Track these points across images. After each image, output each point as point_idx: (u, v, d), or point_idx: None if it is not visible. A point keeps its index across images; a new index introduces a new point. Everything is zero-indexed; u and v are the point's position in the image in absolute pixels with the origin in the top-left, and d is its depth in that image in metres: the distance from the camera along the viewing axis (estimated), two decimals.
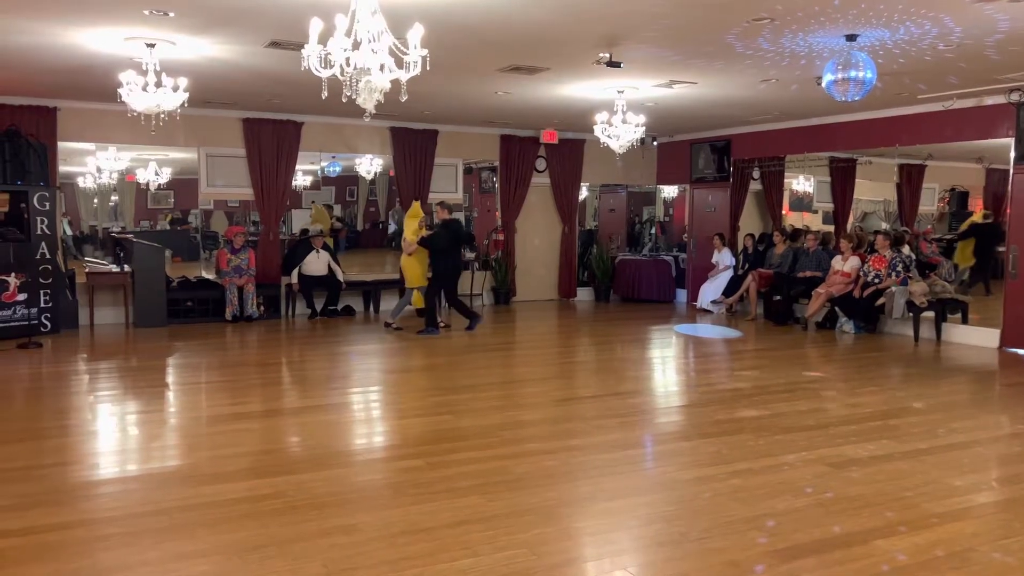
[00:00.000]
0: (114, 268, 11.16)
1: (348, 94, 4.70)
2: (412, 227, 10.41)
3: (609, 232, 16.02)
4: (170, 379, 7.88)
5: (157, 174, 14.18)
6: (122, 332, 10.29)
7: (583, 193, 14.86)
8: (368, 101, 4.67)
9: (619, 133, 9.41)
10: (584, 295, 14.56)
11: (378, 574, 3.41)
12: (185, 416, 6.39)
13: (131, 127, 8.97)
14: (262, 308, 11.37)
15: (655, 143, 14.43)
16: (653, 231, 15.97)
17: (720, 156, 13.51)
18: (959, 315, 10.02)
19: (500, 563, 3.53)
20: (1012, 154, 9.28)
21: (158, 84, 7.25)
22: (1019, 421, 6.31)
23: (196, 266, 13.40)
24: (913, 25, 6.24)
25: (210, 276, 11.86)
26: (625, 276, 14.45)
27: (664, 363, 9.31)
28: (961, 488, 4.59)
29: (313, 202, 14.40)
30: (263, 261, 11.60)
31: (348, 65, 4.54)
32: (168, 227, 14.25)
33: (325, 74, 4.64)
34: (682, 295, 14.24)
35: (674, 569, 3.58)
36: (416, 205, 10.99)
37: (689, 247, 14.26)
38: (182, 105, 7.50)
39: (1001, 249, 10.92)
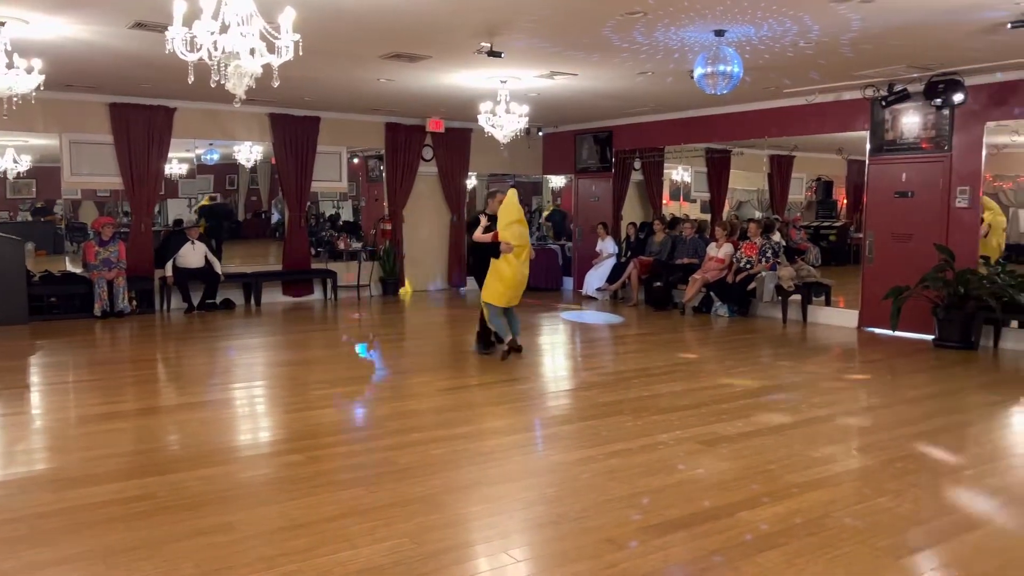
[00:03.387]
0: None
1: (217, 79, 4.53)
2: (508, 219, 7.79)
3: None
4: (33, 379, 7.41)
5: (16, 162, 13.30)
6: None
7: (471, 182, 14.89)
8: (238, 86, 4.52)
9: (503, 123, 9.49)
10: (474, 284, 14.54)
11: (253, 571, 3.34)
12: (51, 417, 6.03)
13: None
14: (134, 303, 10.84)
15: (540, 133, 14.61)
16: (541, 220, 16.20)
17: (603, 147, 13.82)
18: (823, 297, 10.68)
19: (380, 554, 3.52)
20: (868, 146, 9.92)
21: (9, 65, 6.76)
22: (874, 395, 6.79)
23: (61, 259, 12.66)
24: (775, 22, 6.57)
25: (77, 270, 11.22)
26: None
27: (550, 349, 9.47)
28: (819, 459, 4.91)
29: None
30: (134, 253, 11.04)
31: (216, 49, 4.37)
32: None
33: (191, 58, 4.46)
34: (569, 283, 14.52)
35: (553, 549, 3.67)
36: (512, 194, 7.96)
37: (575, 236, 14.54)
38: (38, 88, 7.04)
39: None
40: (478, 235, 8.03)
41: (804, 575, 3.37)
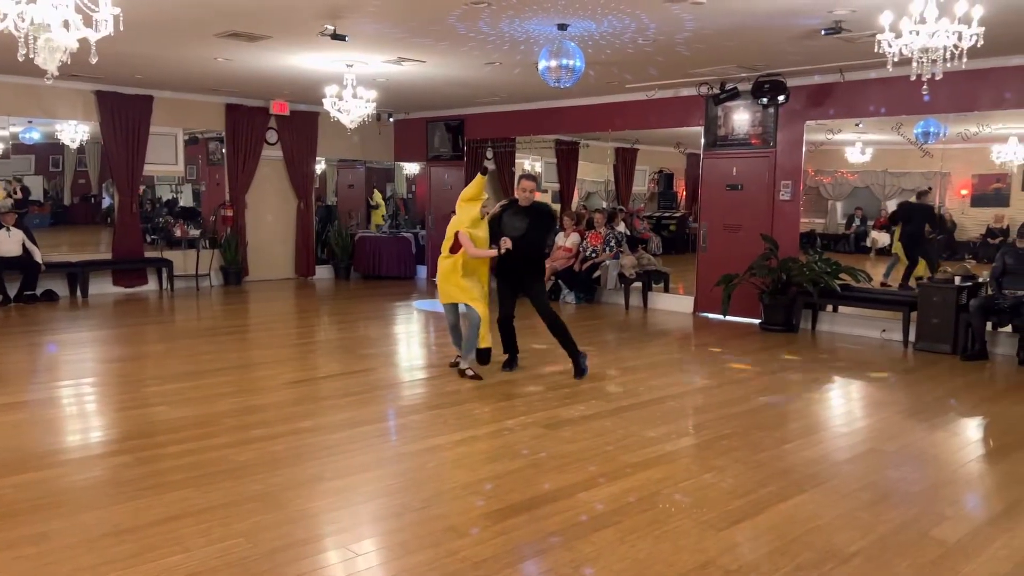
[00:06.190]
0: None
1: (24, 53, 4.15)
2: (472, 213, 6.67)
3: (348, 208, 15.82)
4: None
5: None
6: None
7: (320, 168, 14.50)
8: (50, 62, 4.16)
9: (350, 108, 9.29)
10: (324, 273, 14.27)
11: None
12: None
13: None
14: None
15: (391, 119, 14.43)
16: (395, 208, 16.03)
17: (455, 135, 13.83)
18: (662, 284, 11.22)
19: (213, 556, 3.38)
20: (702, 140, 10.49)
21: None
22: (706, 377, 7.20)
23: None
24: (615, 19, 6.79)
25: None
26: (365, 253, 14.37)
27: (401, 339, 9.41)
28: (654, 439, 5.16)
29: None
30: None
31: (23, 20, 4.00)
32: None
33: None
34: (423, 271, 14.46)
35: (394, 540, 3.66)
36: (481, 181, 6.78)
37: (428, 223, 14.50)
38: None
39: None
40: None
41: (635, 550, 3.54)
